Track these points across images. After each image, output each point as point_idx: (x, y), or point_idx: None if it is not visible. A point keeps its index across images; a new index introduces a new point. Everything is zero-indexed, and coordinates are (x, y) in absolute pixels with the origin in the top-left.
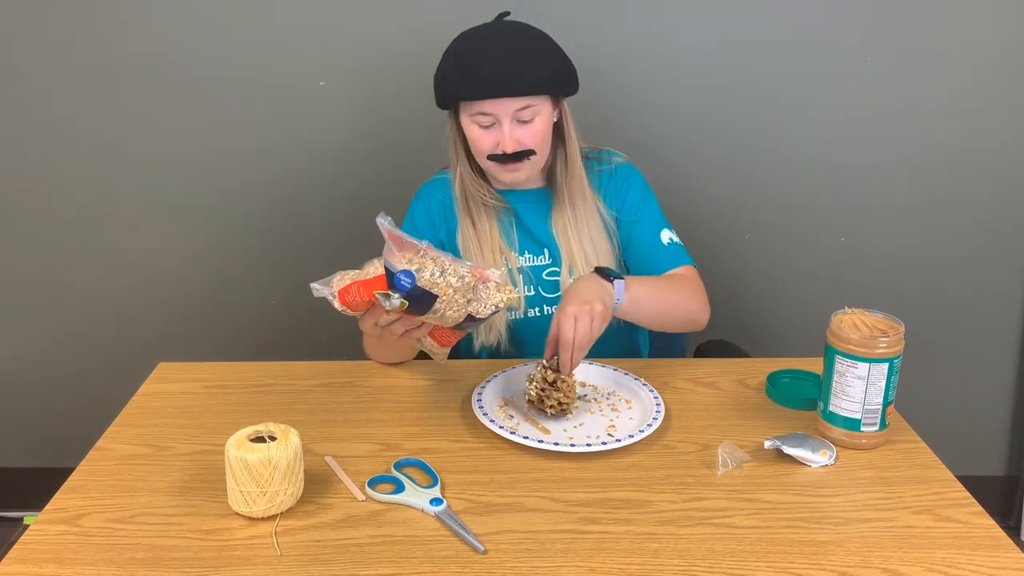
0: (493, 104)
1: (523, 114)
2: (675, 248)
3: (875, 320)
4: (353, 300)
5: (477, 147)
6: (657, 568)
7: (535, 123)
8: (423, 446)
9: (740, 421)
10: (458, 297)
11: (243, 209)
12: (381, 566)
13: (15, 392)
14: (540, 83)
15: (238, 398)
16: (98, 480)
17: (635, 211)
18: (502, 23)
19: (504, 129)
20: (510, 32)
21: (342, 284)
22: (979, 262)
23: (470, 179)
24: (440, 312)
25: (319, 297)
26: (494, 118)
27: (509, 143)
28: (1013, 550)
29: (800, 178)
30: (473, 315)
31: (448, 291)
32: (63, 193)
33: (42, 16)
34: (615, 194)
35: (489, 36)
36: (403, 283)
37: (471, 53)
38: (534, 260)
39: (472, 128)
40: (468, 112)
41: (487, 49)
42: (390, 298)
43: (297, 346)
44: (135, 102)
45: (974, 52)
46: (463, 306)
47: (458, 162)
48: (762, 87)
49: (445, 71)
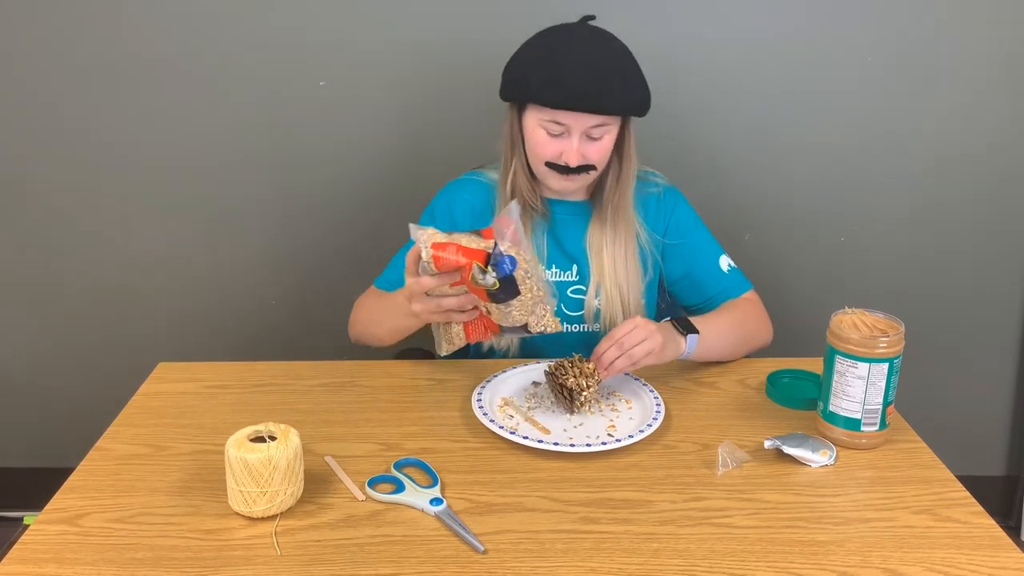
0: (571, 117)
1: (595, 131)
2: (735, 275)
3: (875, 320)
4: (446, 258)
5: (538, 151)
6: (657, 568)
7: (603, 140)
8: (423, 446)
9: (740, 421)
10: (529, 304)
11: (243, 209)
12: (381, 566)
13: (15, 392)
14: (625, 107)
15: (238, 398)
16: (98, 480)
17: (683, 235)
18: (592, 32)
19: (573, 142)
20: (603, 47)
21: (437, 239)
22: (979, 262)
23: (525, 179)
24: (510, 310)
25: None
26: (566, 129)
27: (575, 157)
28: (1013, 550)
29: (800, 178)
30: (527, 326)
31: (528, 295)
32: (63, 193)
33: (42, 16)
34: (663, 217)
35: (582, 47)
36: (506, 267)
37: (562, 61)
38: (561, 275)
39: (538, 132)
40: (539, 116)
41: (580, 62)
42: (486, 274)
43: (297, 346)
44: (135, 102)
45: (975, 52)
46: (527, 314)
47: (513, 158)
48: (762, 87)
49: (527, 70)
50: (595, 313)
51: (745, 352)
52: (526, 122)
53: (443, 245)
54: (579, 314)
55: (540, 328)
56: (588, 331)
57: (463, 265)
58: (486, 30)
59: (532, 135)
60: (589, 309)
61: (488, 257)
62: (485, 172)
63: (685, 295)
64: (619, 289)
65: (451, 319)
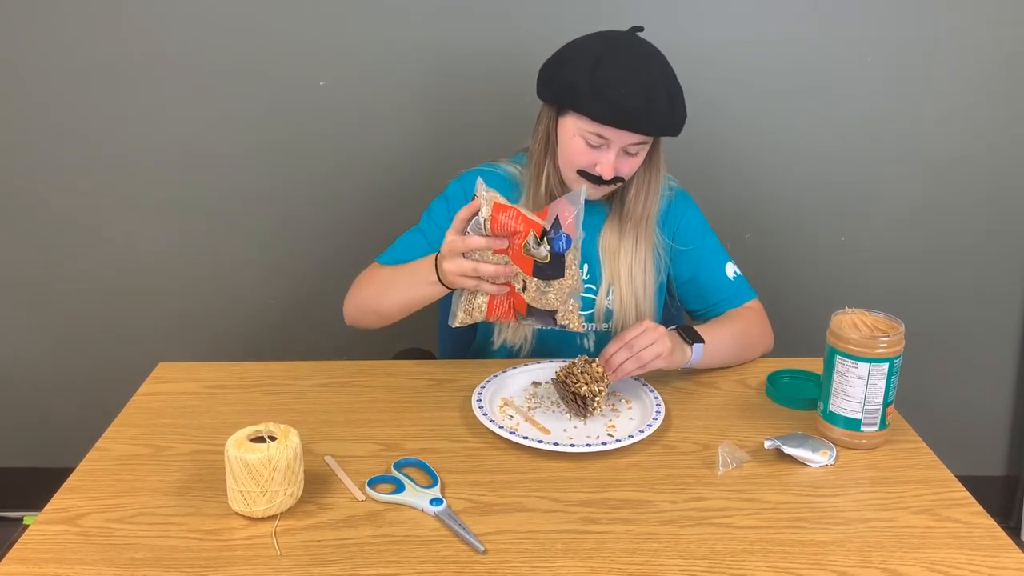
0: (615, 133)
1: (633, 147)
2: (740, 282)
3: (875, 320)
4: (505, 221)
5: (572, 159)
6: (657, 568)
7: (638, 156)
8: (423, 446)
9: (740, 421)
10: (567, 291)
11: (243, 209)
12: (381, 566)
13: (15, 392)
14: (669, 128)
15: (238, 398)
16: (98, 480)
17: (692, 241)
18: (643, 46)
19: (611, 156)
20: (655, 65)
21: (499, 200)
22: (979, 262)
23: (556, 181)
24: (548, 290)
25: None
26: (606, 143)
27: (609, 170)
28: (1013, 550)
29: (800, 178)
30: (554, 314)
31: (569, 280)
32: (63, 193)
33: (41, 16)
34: (673, 222)
35: (635, 62)
36: (560, 244)
37: (614, 77)
38: None
39: (576, 140)
40: (581, 125)
41: (634, 79)
42: (540, 246)
43: (297, 346)
44: (135, 102)
45: (975, 52)
46: (560, 301)
47: (546, 160)
48: (761, 87)
49: (574, 77)
50: (605, 313)
51: (745, 360)
52: (563, 126)
53: (504, 207)
54: (589, 313)
55: (565, 321)
56: (596, 331)
57: (519, 232)
58: (487, 30)
59: (569, 141)
60: (599, 309)
61: (544, 232)
62: (501, 165)
63: (689, 299)
64: (635, 296)
65: (481, 288)
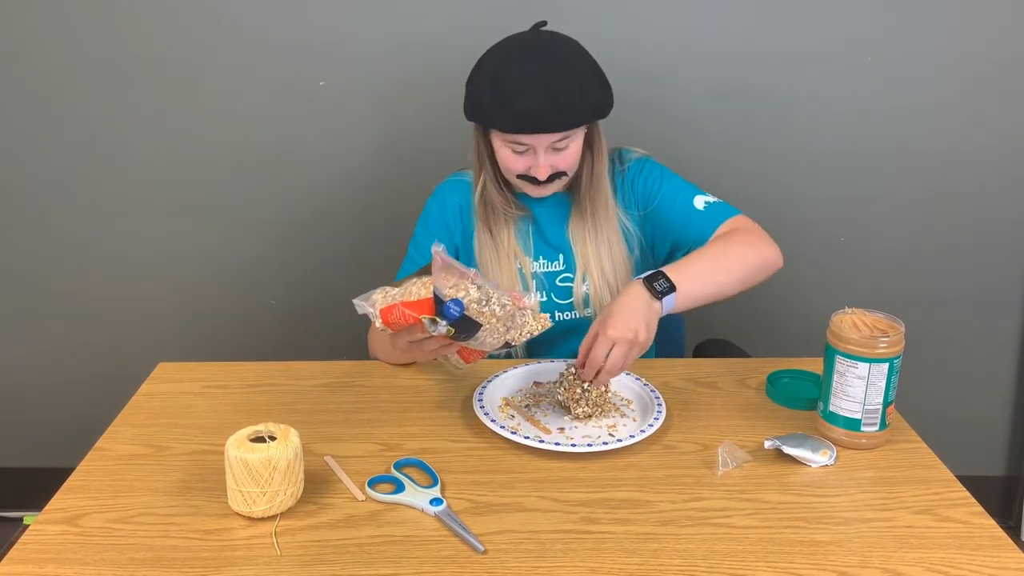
0: (531, 137)
1: (559, 143)
2: (714, 207)
3: (875, 320)
4: (397, 320)
5: (508, 167)
6: (657, 568)
7: (570, 148)
8: (423, 446)
9: (740, 421)
10: (499, 326)
11: (243, 209)
12: (381, 566)
13: (15, 392)
14: (582, 117)
15: (238, 398)
16: (98, 480)
17: (653, 196)
18: (540, 43)
19: (539, 158)
20: (551, 63)
21: (385, 303)
22: (979, 262)
23: (494, 189)
24: (481, 339)
25: (361, 314)
26: (530, 147)
27: (543, 171)
28: (1013, 550)
29: (800, 178)
30: (510, 342)
31: (492, 320)
32: (63, 193)
33: (41, 17)
34: (631, 191)
35: (530, 65)
36: (452, 312)
37: (510, 85)
38: (548, 266)
39: (504, 150)
40: (502, 136)
41: (529, 81)
42: (437, 324)
43: (297, 346)
44: (134, 103)
45: (975, 51)
46: (503, 334)
47: (482, 171)
48: (761, 87)
49: (480, 92)
50: (584, 299)
51: (753, 277)
52: (493, 141)
53: (390, 309)
54: (568, 301)
55: (525, 336)
56: (579, 317)
57: (415, 320)
58: (488, 30)
59: (500, 154)
60: (578, 296)
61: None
62: (468, 172)
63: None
64: (607, 279)
65: (440, 354)
